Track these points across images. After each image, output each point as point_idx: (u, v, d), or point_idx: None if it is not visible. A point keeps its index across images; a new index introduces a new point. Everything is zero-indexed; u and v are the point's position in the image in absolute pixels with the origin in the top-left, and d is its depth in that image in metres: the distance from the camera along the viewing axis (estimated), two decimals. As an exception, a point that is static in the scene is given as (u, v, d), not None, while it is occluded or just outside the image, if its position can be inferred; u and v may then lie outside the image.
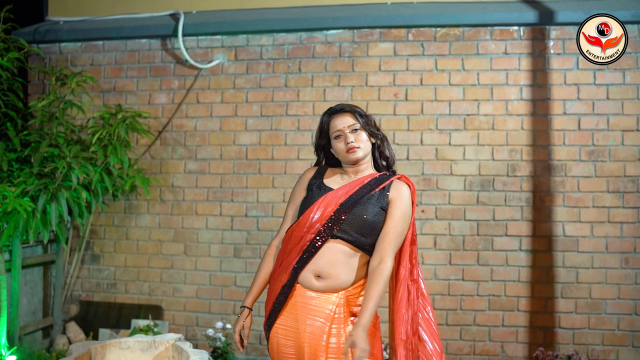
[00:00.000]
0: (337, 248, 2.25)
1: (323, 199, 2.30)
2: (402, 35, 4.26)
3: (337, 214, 2.26)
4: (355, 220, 2.25)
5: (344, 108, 2.38)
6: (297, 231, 2.31)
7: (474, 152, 4.17)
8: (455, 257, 4.17)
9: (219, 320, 4.28)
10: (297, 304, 2.27)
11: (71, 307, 4.63)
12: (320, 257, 2.25)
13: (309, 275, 2.26)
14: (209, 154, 4.46)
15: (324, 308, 2.23)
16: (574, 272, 4.06)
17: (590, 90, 4.08)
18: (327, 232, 2.25)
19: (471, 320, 4.14)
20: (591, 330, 4.04)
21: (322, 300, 2.24)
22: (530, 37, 4.13)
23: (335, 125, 2.37)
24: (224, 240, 4.44)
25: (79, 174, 3.54)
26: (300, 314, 2.26)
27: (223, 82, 4.45)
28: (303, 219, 2.30)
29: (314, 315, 2.23)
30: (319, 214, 2.28)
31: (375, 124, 2.41)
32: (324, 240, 2.25)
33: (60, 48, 4.68)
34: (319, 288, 2.25)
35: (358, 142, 2.33)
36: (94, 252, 4.63)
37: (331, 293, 2.24)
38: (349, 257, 2.26)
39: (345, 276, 2.25)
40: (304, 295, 2.27)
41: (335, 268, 2.24)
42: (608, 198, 4.04)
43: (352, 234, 2.24)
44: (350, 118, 2.35)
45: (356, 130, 2.34)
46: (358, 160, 2.35)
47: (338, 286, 2.25)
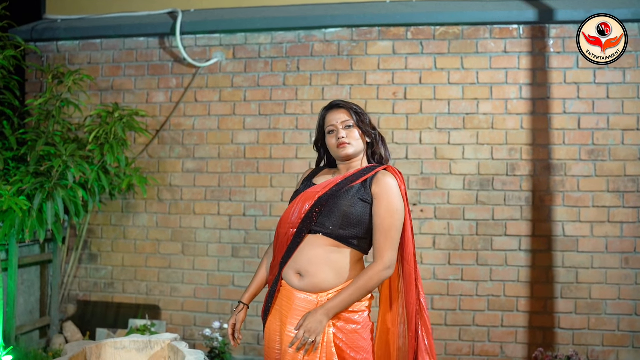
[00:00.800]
0: (317, 243, 2.21)
1: (303, 195, 2.31)
2: (401, 33, 4.23)
3: (313, 207, 2.23)
4: (331, 212, 2.21)
5: (339, 104, 2.37)
6: (281, 228, 2.32)
7: (473, 151, 4.14)
8: (454, 257, 4.14)
9: (217, 320, 4.26)
10: (282, 300, 2.28)
11: (68, 307, 4.61)
12: (300, 254, 2.23)
13: (291, 272, 2.25)
14: (207, 153, 4.44)
15: (304, 308, 2.19)
16: (574, 272, 4.03)
17: (590, 89, 4.05)
18: (305, 226, 2.23)
19: (470, 320, 4.11)
20: (591, 330, 4.01)
21: (302, 300, 2.21)
22: (530, 36, 4.10)
23: (329, 120, 2.36)
24: (222, 239, 4.41)
25: (75, 172, 3.52)
26: (284, 312, 2.25)
27: (221, 80, 4.43)
28: (284, 216, 2.32)
29: (293, 313, 2.20)
30: (298, 210, 2.27)
31: (370, 122, 2.39)
32: (302, 235, 2.23)
33: (58, 46, 4.66)
34: (299, 286, 2.22)
35: (349, 138, 2.31)
36: (91, 251, 4.60)
37: (312, 293, 2.20)
38: (331, 253, 2.20)
39: (326, 275, 2.19)
40: (288, 292, 2.26)
41: (314, 265, 2.20)
42: (608, 198, 4.02)
43: (329, 227, 2.20)
44: (345, 114, 2.34)
45: (349, 127, 2.33)
46: (348, 157, 2.32)
47: (318, 285, 2.19)
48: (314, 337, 2.11)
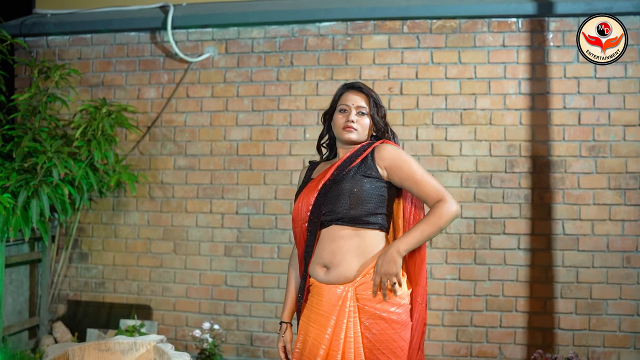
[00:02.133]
0: (335, 234, 2.17)
1: (306, 189, 2.27)
2: (397, 27, 4.14)
3: (319, 197, 2.20)
4: (338, 197, 2.16)
5: (362, 88, 2.31)
6: (295, 226, 2.30)
7: (470, 147, 4.05)
8: (451, 256, 4.05)
9: (209, 320, 4.18)
10: (312, 297, 2.23)
11: (59, 307, 4.53)
12: (321, 247, 2.20)
13: (317, 267, 2.20)
14: (199, 150, 4.35)
15: (332, 301, 2.14)
16: (574, 272, 3.93)
17: (590, 84, 3.95)
18: (316, 217, 2.19)
19: (468, 321, 4.02)
20: (591, 331, 3.91)
21: (329, 293, 2.16)
22: (529, 29, 4.01)
23: (345, 99, 2.29)
24: (214, 238, 4.32)
25: (60, 169, 3.43)
26: (314, 310, 2.20)
27: (213, 76, 4.34)
28: (294, 214, 2.29)
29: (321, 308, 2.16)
30: (305, 204, 2.24)
31: (384, 117, 2.33)
32: (315, 227, 2.19)
33: (48, 41, 4.57)
34: (326, 279, 2.17)
35: (358, 124, 2.25)
36: (81, 250, 4.52)
37: (339, 285, 2.14)
38: (350, 239, 2.15)
39: (349, 262, 2.14)
40: (317, 288, 2.21)
41: (337, 255, 2.15)
42: (609, 195, 3.92)
43: (339, 212, 2.15)
44: (363, 100, 2.28)
45: (362, 114, 2.26)
46: (350, 141, 2.27)
47: (344, 274, 2.14)
48: (393, 278, 2.06)
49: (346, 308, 2.12)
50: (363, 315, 2.12)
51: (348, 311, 2.12)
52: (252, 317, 4.25)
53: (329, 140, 2.43)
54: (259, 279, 4.24)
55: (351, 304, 2.12)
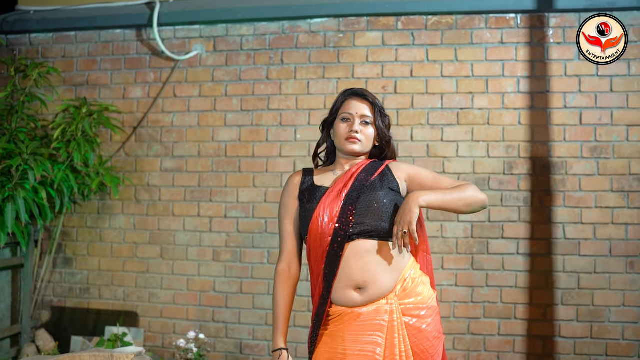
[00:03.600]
0: (361, 249, 2.02)
1: (325, 199, 2.08)
2: (391, 23, 3.99)
3: (344, 208, 2.03)
4: (366, 208, 2.03)
5: (366, 96, 2.18)
6: (313, 241, 2.08)
7: (468, 148, 3.90)
8: (447, 261, 3.90)
9: (197, 327, 4.06)
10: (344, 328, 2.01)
11: (42, 313, 4.38)
12: (349, 267, 2.01)
13: (347, 291, 2.02)
14: (187, 151, 4.20)
15: (377, 320, 1.98)
16: (575, 278, 3.79)
17: (592, 82, 3.80)
18: (342, 230, 2.01)
19: (465, 328, 3.87)
20: (594, 339, 3.77)
21: (371, 313, 1.99)
22: (528, 25, 3.86)
23: (348, 106, 2.16)
24: (202, 242, 4.18)
25: (37, 172, 3.28)
26: (349, 336, 1.99)
27: (201, 74, 4.20)
28: (313, 227, 2.07)
29: (365, 331, 1.98)
30: (328, 215, 2.05)
31: (389, 126, 2.21)
32: (342, 241, 2.01)
33: (31, 39, 4.43)
34: (362, 302, 2.00)
35: (362, 135, 2.13)
36: (66, 255, 4.37)
37: (379, 300, 2.00)
38: (377, 253, 2.02)
39: (384, 276, 2.01)
40: (350, 316, 2.01)
41: (369, 273, 2.00)
42: (612, 198, 3.77)
43: (370, 223, 2.01)
44: (368, 109, 2.16)
45: (367, 124, 2.14)
46: (353, 153, 2.15)
47: (382, 291, 2.01)
48: (405, 226, 1.93)
49: (395, 322, 1.99)
50: (410, 331, 2.01)
51: (397, 324, 1.99)
52: (242, 324, 4.10)
53: (327, 149, 2.29)
54: (248, 285, 4.09)
55: (398, 316, 2.00)
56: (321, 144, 2.29)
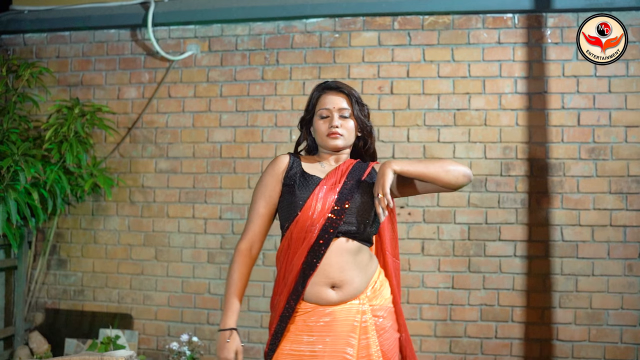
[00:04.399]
0: (343, 248, 1.98)
1: (319, 189, 2.01)
2: (387, 23, 3.95)
3: (338, 203, 1.98)
4: (359, 209, 1.99)
5: (341, 88, 2.11)
6: (297, 232, 2.00)
7: (464, 149, 3.86)
8: (444, 264, 3.86)
9: (191, 329, 4.03)
10: (314, 325, 1.97)
11: (36, 315, 4.35)
12: (328, 264, 1.96)
13: (322, 288, 1.97)
14: (181, 152, 4.17)
15: (349, 320, 1.95)
16: (573, 280, 3.74)
17: (590, 83, 3.76)
18: (331, 226, 1.96)
19: (462, 331, 3.83)
20: (592, 342, 3.72)
21: (343, 312, 1.96)
22: (526, 25, 3.82)
23: (324, 102, 2.10)
24: (197, 244, 4.14)
25: (27, 173, 3.24)
26: (318, 334, 1.95)
27: (196, 75, 4.16)
28: (302, 217, 1.99)
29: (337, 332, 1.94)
30: (320, 207, 1.98)
31: (368, 115, 2.16)
32: (329, 238, 1.96)
33: (25, 39, 4.39)
34: (337, 300, 1.96)
35: (343, 129, 2.07)
36: (60, 256, 4.34)
37: (352, 301, 1.98)
38: (355, 255, 2.00)
39: (359, 278, 1.99)
40: (320, 313, 1.97)
41: (347, 272, 1.97)
42: (610, 199, 3.73)
43: (359, 225, 1.99)
44: (345, 101, 2.09)
45: (346, 117, 2.08)
46: (337, 149, 2.09)
47: (355, 291, 1.99)
48: (380, 190, 1.90)
49: (367, 322, 1.98)
50: (378, 330, 2.01)
51: (369, 325, 1.98)
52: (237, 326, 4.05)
53: (307, 147, 2.24)
54: (243, 287, 4.05)
55: (370, 316, 1.98)
56: (301, 141, 2.23)
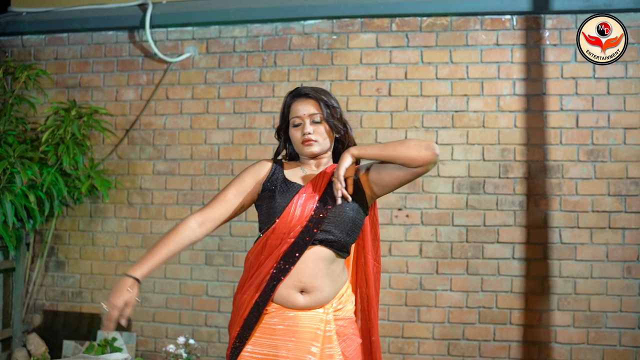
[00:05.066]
0: (318, 255, 1.96)
1: (298, 197, 2.00)
2: (385, 25, 3.94)
3: (317, 211, 1.97)
4: (337, 217, 1.97)
5: (308, 93, 2.08)
6: (274, 239, 1.98)
7: (462, 151, 3.85)
8: (442, 266, 3.85)
9: (189, 331, 4.03)
10: (276, 327, 1.95)
11: (34, 317, 4.34)
12: (302, 269, 1.94)
13: (291, 291, 1.95)
14: (179, 154, 4.16)
15: (312, 327, 1.94)
16: (572, 283, 3.73)
17: (589, 85, 3.74)
18: (308, 234, 1.94)
19: (460, 334, 3.82)
20: (590, 345, 3.71)
21: (307, 319, 1.95)
22: (524, 27, 3.81)
23: (295, 110, 2.09)
24: (194, 246, 4.11)
25: (23, 175, 3.24)
26: (280, 339, 1.94)
27: (194, 76, 4.15)
28: (280, 224, 1.97)
29: (299, 337, 1.92)
30: (299, 214, 1.97)
31: (341, 116, 2.12)
32: (304, 245, 1.94)
33: (23, 41, 4.39)
34: (303, 305, 1.95)
35: (316, 134, 2.05)
36: (58, 258, 4.33)
37: (317, 308, 1.96)
38: (330, 264, 1.99)
39: (329, 287, 1.98)
40: (285, 316, 1.96)
41: (319, 279, 1.96)
42: (609, 202, 3.71)
43: (336, 234, 1.97)
44: (313, 106, 2.06)
45: (317, 122, 2.06)
46: (313, 155, 2.08)
47: (323, 300, 1.97)
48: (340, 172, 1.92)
49: (330, 332, 1.96)
50: (340, 337, 1.99)
51: (330, 335, 1.96)
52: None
53: (288, 156, 2.24)
54: (241, 289, 4.04)
55: (332, 327, 1.97)
56: (280, 151, 2.23)
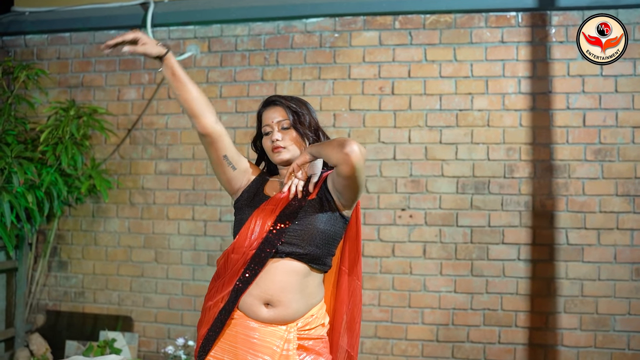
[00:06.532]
0: (289, 269, 1.90)
1: (260, 210, 1.96)
2: (388, 23, 3.89)
3: (278, 221, 1.91)
4: (304, 229, 1.90)
5: (275, 100, 2.05)
6: (236, 253, 1.94)
7: (467, 151, 3.78)
8: (446, 267, 3.79)
9: (191, 332, 4.00)
10: (237, 335, 1.90)
11: (37, 317, 4.34)
12: (269, 280, 1.89)
13: (256, 302, 1.89)
14: (181, 154, 4.13)
15: (270, 343, 1.87)
16: (579, 285, 3.65)
17: (596, 82, 3.67)
18: (269, 245, 1.89)
19: (464, 336, 3.76)
20: (598, 349, 3.63)
21: (267, 334, 1.88)
22: (530, 24, 3.73)
23: (265, 118, 2.06)
24: (196, 246, 4.11)
25: (20, 175, 3.22)
26: (241, 349, 1.89)
27: (195, 75, 4.11)
28: (240, 239, 1.95)
29: (256, 351, 1.86)
30: (258, 229, 1.93)
31: (311, 123, 2.06)
32: (266, 256, 1.89)
33: (26, 40, 4.38)
34: (266, 319, 1.89)
35: (285, 141, 2.01)
36: (61, 258, 4.32)
37: (279, 325, 1.89)
38: (303, 278, 1.92)
39: (297, 304, 1.91)
40: (246, 325, 1.90)
41: (287, 294, 1.89)
42: (616, 202, 3.63)
43: (304, 246, 1.89)
44: (280, 113, 2.03)
45: (286, 128, 2.02)
46: (284, 162, 2.03)
47: (288, 317, 1.90)
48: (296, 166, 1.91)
49: (290, 351, 1.88)
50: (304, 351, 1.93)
51: (292, 355, 1.88)
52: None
53: (267, 166, 2.20)
54: (243, 290, 4.01)
55: (293, 346, 1.89)
56: (259, 163, 2.19)
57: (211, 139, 1.95)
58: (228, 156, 1.99)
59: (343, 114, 3.91)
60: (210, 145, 1.97)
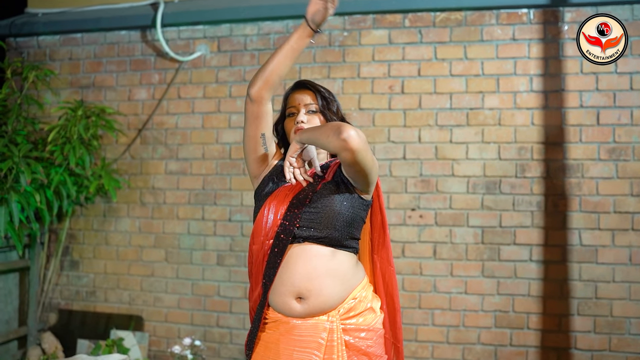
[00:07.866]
0: (310, 254, 1.84)
1: (274, 196, 1.92)
2: (398, 21, 3.85)
3: (291, 208, 1.86)
4: (319, 213, 1.85)
5: (306, 84, 2.04)
6: (255, 244, 1.92)
7: (478, 150, 3.73)
8: (457, 268, 3.74)
9: (201, 332, 4.01)
10: (277, 335, 1.85)
11: (50, 316, 4.38)
12: (292, 271, 1.83)
13: (287, 299, 1.84)
14: (191, 154, 4.14)
15: (315, 337, 1.80)
16: (593, 286, 3.58)
17: (610, 80, 3.59)
18: (284, 232, 1.85)
19: (475, 338, 3.70)
20: (612, 352, 3.55)
21: (309, 328, 1.81)
22: (542, 21, 3.67)
23: (292, 100, 2.04)
24: (206, 246, 4.10)
25: (27, 175, 3.23)
26: (283, 349, 1.82)
27: (205, 75, 4.12)
28: (256, 228, 1.91)
29: (302, 347, 1.80)
30: (272, 216, 1.89)
31: (338, 110, 2.05)
32: (283, 245, 1.84)
33: (39, 42, 4.42)
34: (301, 313, 1.83)
35: (310, 124, 1.97)
36: (72, 257, 4.35)
37: (318, 316, 1.82)
38: (329, 260, 1.84)
39: (330, 289, 1.83)
40: (285, 325, 1.84)
41: (314, 281, 1.82)
42: (631, 202, 3.55)
43: (322, 229, 1.84)
44: (310, 97, 2.01)
45: (313, 112, 1.99)
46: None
47: (324, 304, 1.82)
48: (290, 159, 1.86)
49: (334, 341, 1.81)
50: (349, 349, 1.85)
51: (337, 344, 1.81)
52: (246, 330, 4.00)
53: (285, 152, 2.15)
54: (252, 290, 4.00)
55: (339, 335, 1.82)
56: (281, 147, 2.13)
57: (259, 112, 1.92)
58: (266, 135, 1.97)
59: (352, 113, 3.88)
60: (255, 118, 1.93)
